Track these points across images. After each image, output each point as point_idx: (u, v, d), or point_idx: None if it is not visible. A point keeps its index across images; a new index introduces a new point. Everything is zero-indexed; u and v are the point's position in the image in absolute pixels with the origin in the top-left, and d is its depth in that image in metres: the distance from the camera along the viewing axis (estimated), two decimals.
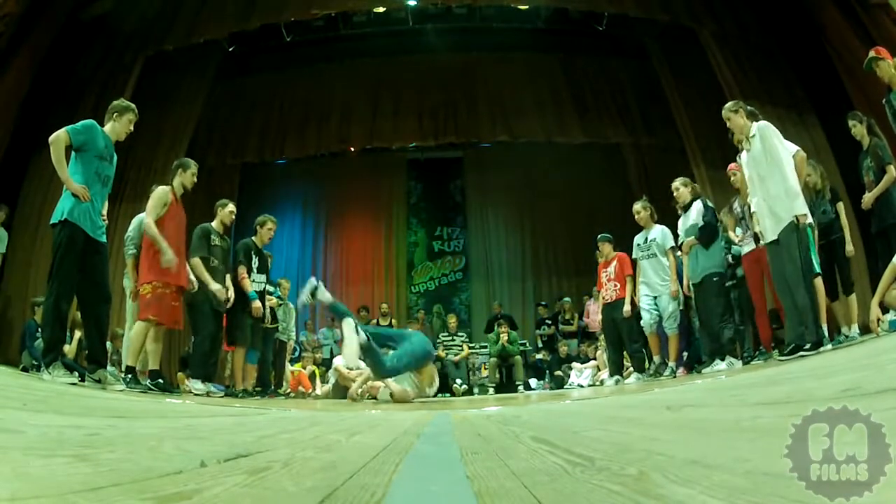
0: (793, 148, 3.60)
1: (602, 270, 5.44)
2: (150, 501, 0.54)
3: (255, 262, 4.96)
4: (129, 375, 3.73)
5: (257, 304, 4.76)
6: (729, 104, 3.77)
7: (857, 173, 4.24)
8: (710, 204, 4.63)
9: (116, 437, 1.11)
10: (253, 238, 5.05)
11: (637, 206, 5.08)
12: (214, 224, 4.63)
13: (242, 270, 4.81)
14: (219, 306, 4.43)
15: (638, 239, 5.06)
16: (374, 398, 4.49)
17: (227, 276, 4.67)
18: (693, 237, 4.48)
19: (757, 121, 3.60)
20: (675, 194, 4.74)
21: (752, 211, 3.75)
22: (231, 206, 4.76)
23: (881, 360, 1.68)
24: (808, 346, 3.20)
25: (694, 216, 4.55)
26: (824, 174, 4.42)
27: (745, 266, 4.53)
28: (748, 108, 3.71)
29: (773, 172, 3.40)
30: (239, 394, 4.65)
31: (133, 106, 3.64)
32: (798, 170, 3.51)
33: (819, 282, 3.49)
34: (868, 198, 4.02)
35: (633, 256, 5.08)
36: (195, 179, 4.26)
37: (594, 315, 7.18)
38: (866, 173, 4.08)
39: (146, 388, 3.68)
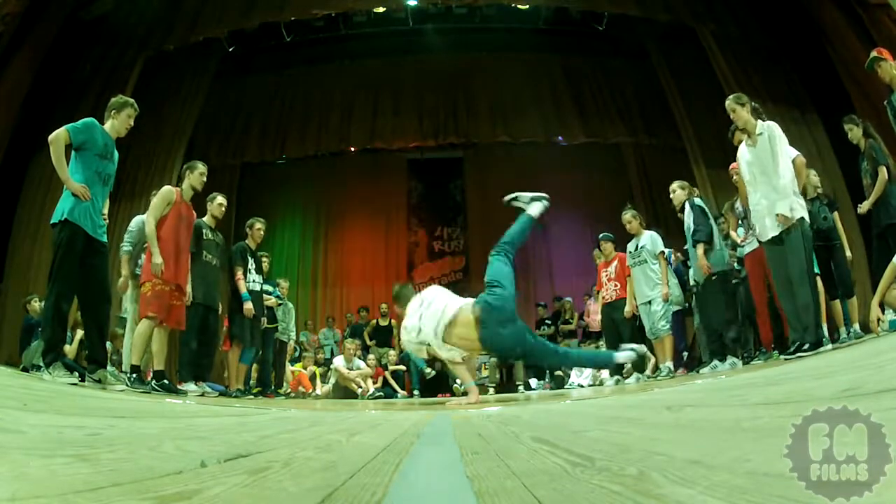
0: (793, 152, 3.60)
1: (602, 270, 5.46)
2: (150, 501, 0.54)
3: (250, 264, 5.06)
4: (134, 375, 3.72)
5: (249, 305, 4.80)
6: (734, 96, 3.72)
7: (859, 174, 4.24)
8: (697, 203, 4.49)
9: (116, 437, 1.11)
10: (246, 241, 5.15)
11: (627, 216, 5.05)
12: (206, 219, 4.62)
13: (238, 272, 4.91)
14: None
15: (630, 247, 5.05)
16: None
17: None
18: (700, 253, 4.30)
19: (761, 119, 3.60)
20: (671, 196, 4.74)
21: (751, 209, 3.73)
22: (220, 199, 4.72)
23: (881, 360, 1.68)
24: (807, 346, 3.21)
25: (686, 220, 4.53)
26: (823, 181, 4.42)
27: (748, 265, 4.52)
28: (753, 104, 3.69)
29: (776, 173, 3.40)
30: (233, 393, 4.66)
31: (131, 100, 3.62)
32: (798, 174, 3.51)
33: (818, 282, 3.49)
34: (864, 205, 4.02)
35: (627, 264, 5.08)
36: (204, 180, 4.25)
37: (594, 315, 7.18)
38: (864, 176, 4.09)
39: (150, 389, 3.68)
